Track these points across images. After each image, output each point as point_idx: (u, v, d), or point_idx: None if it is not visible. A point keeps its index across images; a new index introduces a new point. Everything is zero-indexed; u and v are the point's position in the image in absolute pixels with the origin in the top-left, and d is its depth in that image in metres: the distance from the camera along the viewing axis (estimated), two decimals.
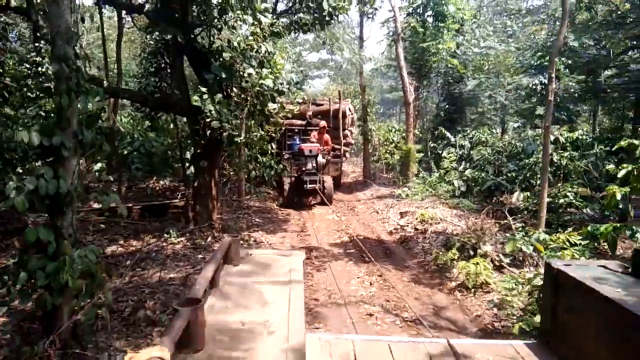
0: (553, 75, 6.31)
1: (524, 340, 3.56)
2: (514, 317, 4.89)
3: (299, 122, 14.14)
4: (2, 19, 9.21)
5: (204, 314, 1.80)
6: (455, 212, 9.90)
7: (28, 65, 8.05)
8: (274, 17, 8.34)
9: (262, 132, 9.97)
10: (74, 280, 3.64)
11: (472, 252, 6.63)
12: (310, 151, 11.77)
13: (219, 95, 7.16)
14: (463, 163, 13.27)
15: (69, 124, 3.78)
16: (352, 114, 15.43)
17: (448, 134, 14.70)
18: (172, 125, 11.87)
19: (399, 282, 6.42)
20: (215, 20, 7.49)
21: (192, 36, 7.78)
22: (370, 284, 6.31)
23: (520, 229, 7.15)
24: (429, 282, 6.49)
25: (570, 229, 6.24)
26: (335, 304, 5.61)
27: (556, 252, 5.46)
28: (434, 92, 17.13)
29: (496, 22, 18.22)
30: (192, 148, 9.08)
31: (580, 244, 5.55)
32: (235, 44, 7.24)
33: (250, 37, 7.42)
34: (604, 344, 2.50)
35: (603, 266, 3.06)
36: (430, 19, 14.45)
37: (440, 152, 14.63)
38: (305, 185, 11.39)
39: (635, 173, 4.48)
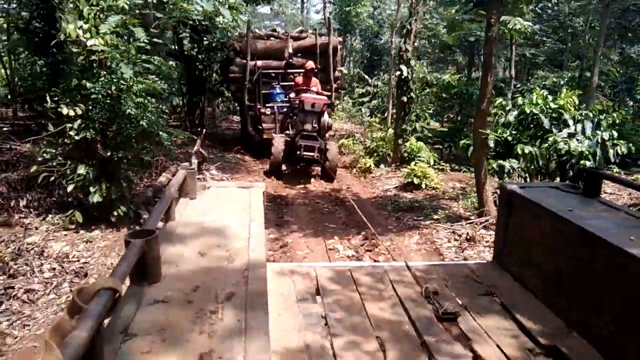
0: (392, 39, 11.64)
1: (479, 261, 3.67)
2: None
3: (275, 63, 10.93)
4: None
5: (158, 245, 1.75)
6: (357, 127, 15.42)
7: None
8: None
9: None
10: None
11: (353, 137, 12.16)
12: (314, 105, 8.52)
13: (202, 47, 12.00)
14: (372, 97, 18.67)
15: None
16: (341, 50, 12.59)
17: (366, 77, 19.92)
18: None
19: None
20: None
21: None
22: None
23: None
24: None
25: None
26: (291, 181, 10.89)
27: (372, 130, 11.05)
28: (359, 44, 22.13)
29: None
30: (187, 84, 13.82)
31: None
32: (209, 15, 11.96)
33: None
34: (552, 259, 2.57)
35: (555, 187, 3.13)
36: None
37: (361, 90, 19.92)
38: (299, 152, 8.38)
39: None
